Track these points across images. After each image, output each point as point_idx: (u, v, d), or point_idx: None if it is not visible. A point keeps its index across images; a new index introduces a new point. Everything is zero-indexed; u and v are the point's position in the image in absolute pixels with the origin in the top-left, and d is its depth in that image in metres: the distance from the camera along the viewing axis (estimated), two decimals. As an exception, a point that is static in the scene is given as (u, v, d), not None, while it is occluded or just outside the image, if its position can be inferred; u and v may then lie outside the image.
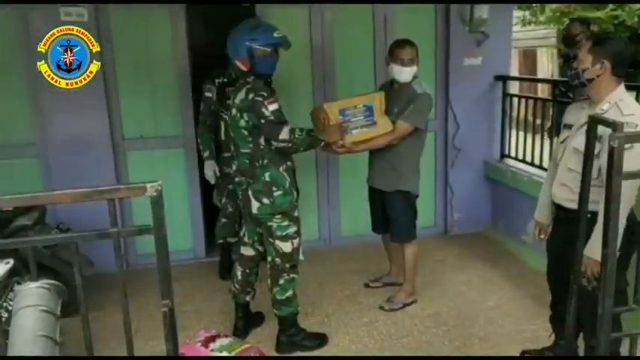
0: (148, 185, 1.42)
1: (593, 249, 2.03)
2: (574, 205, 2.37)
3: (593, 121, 1.89)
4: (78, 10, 3.71)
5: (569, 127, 2.50)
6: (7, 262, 2.28)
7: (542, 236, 2.75)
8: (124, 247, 4.12)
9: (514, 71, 10.92)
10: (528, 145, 4.35)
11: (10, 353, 1.21)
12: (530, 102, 4.59)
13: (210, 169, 3.79)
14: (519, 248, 4.20)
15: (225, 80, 3.65)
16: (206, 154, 3.80)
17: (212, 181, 3.85)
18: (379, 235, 3.73)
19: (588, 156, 1.93)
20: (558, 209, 2.57)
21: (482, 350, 3.03)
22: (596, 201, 2.05)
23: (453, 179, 4.66)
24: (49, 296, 1.32)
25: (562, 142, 2.53)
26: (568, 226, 2.46)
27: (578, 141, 2.36)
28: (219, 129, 3.75)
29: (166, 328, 1.49)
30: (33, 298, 1.28)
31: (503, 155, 4.65)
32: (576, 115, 2.48)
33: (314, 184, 4.46)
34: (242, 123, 2.83)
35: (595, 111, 2.32)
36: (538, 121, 4.51)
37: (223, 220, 3.94)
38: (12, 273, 2.44)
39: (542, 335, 3.07)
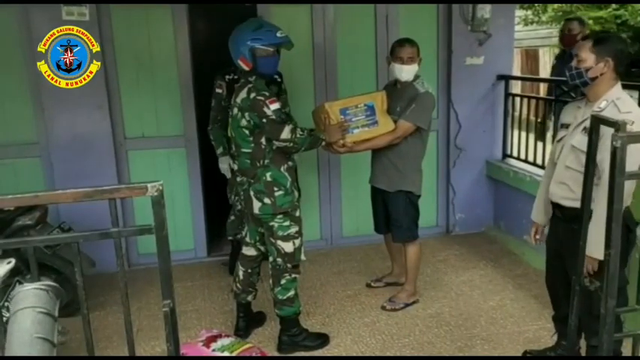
0: (149, 185, 1.42)
1: (590, 246, 2.02)
2: (572, 204, 2.38)
3: (596, 121, 1.89)
4: (80, 10, 3.71)
5: (565, 126, 2.50)
6: (9, 262, 2.30)
7: (537, 237, 2.74)
8: (126, 246, 4.13)
9: (516, 71, 10.91)
10: (530, 145, 4.35)
11: (7, 354, 1.21)
12: (533, 102, 4.58)
13: (225, 163, 3.79)
14: (521, 248, 4.20)
15: (235, 77, 3.65)
16: (219, 150, 3.81)
17: (228, 176, 3.85)
18: (381, 235, 3.72)
19: (590, 155, 1.93)
20: (555, 208, 2.56)
21: (484, 350, 3.02)
22: (592, 199, 2.04)
23: (454, 179, 4.65)
24: (47, 298, 1.32)
25: (559, 141, 2.53)
26: (565, 224, 2.46)
27: (577, 139, 2.37)
28: (229, 125, 3.76)
29: (167, 327, 1.48)
30: (30, 300, 1.28)
31: (505, 155, 4.64)
32: (572, 114, 2.49)
33: (316, 183, 4.46)
34: (243, 122, 2.82)
35: (592, 109, 2.32)
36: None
37: (232, 217, 3.94)
38: (14, 272, 2.46)
39: (544, 335, 3.07)
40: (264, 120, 2.77)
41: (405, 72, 3.24)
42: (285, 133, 2.78)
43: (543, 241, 2.73)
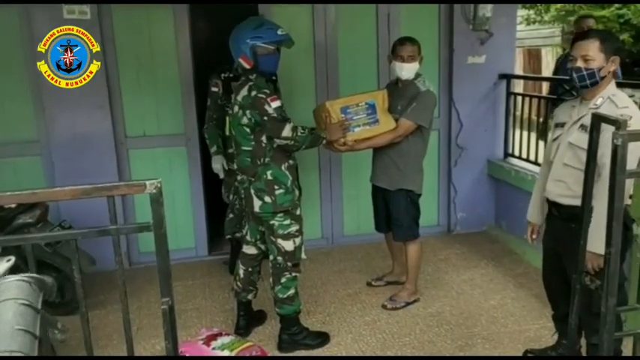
0: (148, 182, 1.42)
1: (593, 243, 2.02)
2: (569, 201, 2.37)
3: (596, 119, 1.88)
4: (81, 8, 3.72)
5: (560, 125, 2.50)
6: (9, 260, 2.30)
7: (534, 236, 2.74)
8: (127, 245, 4.13)
9: (518, 70, 10.89)
10: (532, 144, 4.34)
11: None
12: (534, 101, 4.57)
13: (219, 163, 3.80)
14: (523, 247, 4.18)
15: (231, 75, 3.65)
16: (213, 149, 3.81)
17: (221, 175, 3.86)
18: (382, 234, 3.72)
19: (591, 153, 1.92)
20: (552, 206, 2.55)
21: (484, 349, 3.01)
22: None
23: (456, 178, 4.64)
24: (30, 290, 1.30)
25: (554, 140, 2.52)
26: (562, 223, 2.45)
27: (574, 136, 2.36)
28: (225, 124, 3.76)
29: (166, 325, 1.48)
30: (13, 292, 1.27)
31: (506, 154, 4.63)
32: (567, 113, 2.48)
33: (317, 182, 4.45)
34: (244, 120, 2.82)
35: (588, 107, 2.32)
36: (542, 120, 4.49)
37: (231, 215, 3.94)
38: (14, 270, 2.46)
39: (545, 334, 3.07)
40: (266, 118, 2.76)
41: (406, 70, 3.24)
42: (286, 131, 2.77)
43: (540, 240, 2.73)
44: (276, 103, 2.76)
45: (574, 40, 2.43)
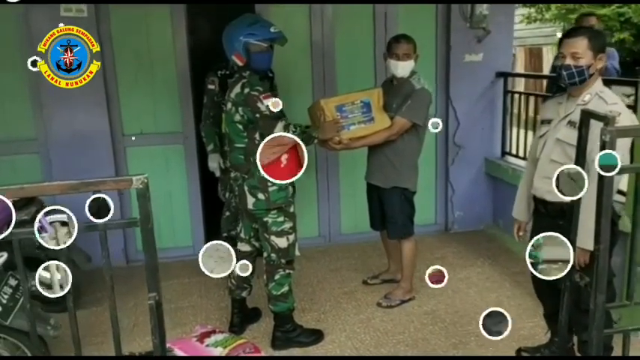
0: (134, 178, 1.44)
1: (581, 238, 2.02)
2: (557, 198, 2.36)
3: (586, 115, 1.88)
4: (78, 6, 3.73)
5: (547, 122, 2.50)
6: (1, 256, 2.31)
7: (520, 233, 2.75)
8: (124, 242, 4.14)
9: (520, 69, 10.87)
10: (529, 143, 4.33)
11: None
12: (532, 99, 4.56)
13: (215, 161, 3.80)
14: (520, 246, 4.13)
15: (228, 73, 3.66)
16: (210, 147, 3.81)
17: (217, 174, 3.86)
18: (379, 232, 3.72)
19: (580, 149, 1.92)
20: (539, 203, 2.55)
21: (478, 347, 3.01)
22: None
23: (453, 177, 4.64)
24: None
25: (541, 137, 2.53)
26: (549, 220, 2.45)
27: (562, 132, 2.36)
28: (222, 122, 3.77)
29: (153, 320, 1.49)
30: None
31: (504, 152, 4.63)
32: (554, 110, 2.49)
33: (314, 181, 4.46)
34: (237, 117, 2.83)
35: (576, 103, 2.33)
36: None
37: (227, 213, 3.95)
38: (7, 266, 2.47)
39: (539, 332, 3.06)
40: (258, 115, 2.77)
41: (401, 68, 3.24)
42: (279, 129, 2.78)
43: (527, 237, 2.74)
44: (268, 101, 2.76)
45: (562, 37, 2.44)
